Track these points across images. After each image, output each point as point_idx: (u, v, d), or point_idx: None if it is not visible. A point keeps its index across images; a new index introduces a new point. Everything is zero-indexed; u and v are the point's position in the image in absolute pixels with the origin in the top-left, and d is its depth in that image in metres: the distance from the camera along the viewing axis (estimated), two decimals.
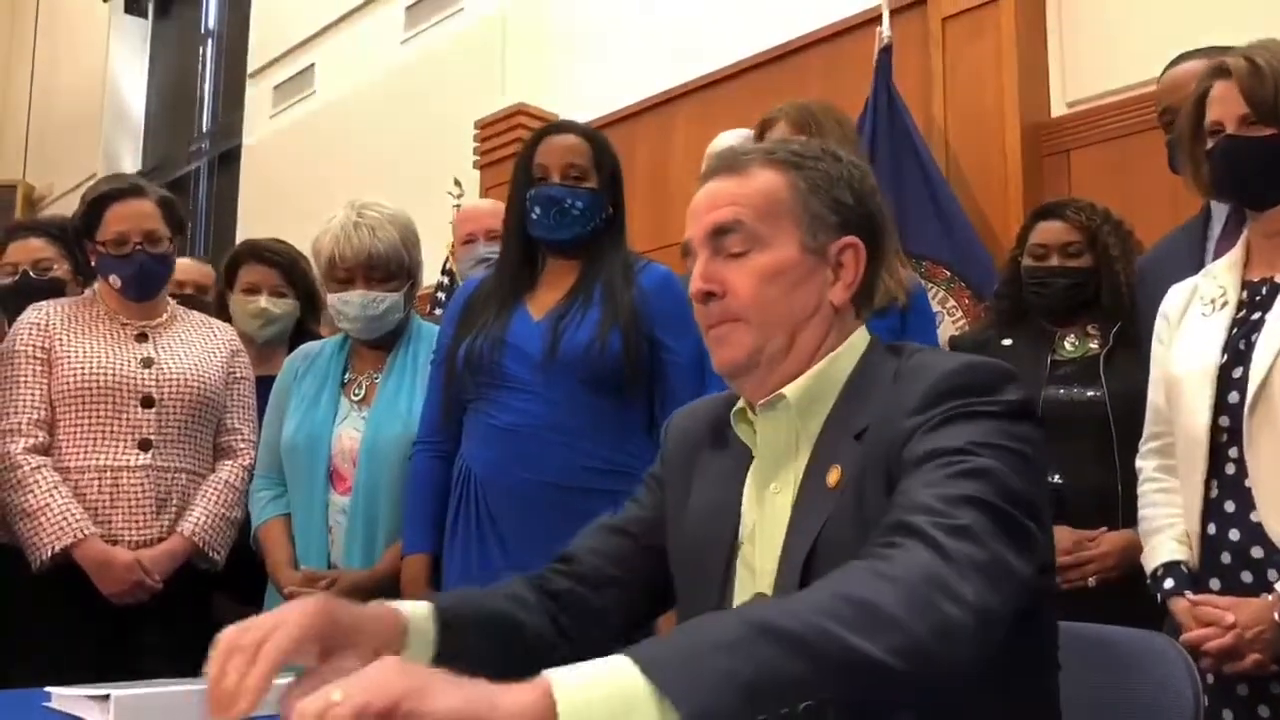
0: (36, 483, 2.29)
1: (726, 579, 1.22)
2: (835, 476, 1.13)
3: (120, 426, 2.36)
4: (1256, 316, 1.78)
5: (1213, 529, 1.77)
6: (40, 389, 2.37)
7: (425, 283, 2.65)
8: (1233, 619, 1.67)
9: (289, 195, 5.82)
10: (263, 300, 2.84)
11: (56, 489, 2.29)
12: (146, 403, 2.39)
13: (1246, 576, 1.72)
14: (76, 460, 2.34)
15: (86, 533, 2.27)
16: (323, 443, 2.32)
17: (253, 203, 6.59)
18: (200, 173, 7.85)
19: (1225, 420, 1.75)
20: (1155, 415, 1.94)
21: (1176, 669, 1.24)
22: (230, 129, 7.31)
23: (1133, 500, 1.97)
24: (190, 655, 2.38)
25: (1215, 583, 1.76)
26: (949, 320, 3.06)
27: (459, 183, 4.38)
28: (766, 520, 1.19)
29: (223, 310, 2.93)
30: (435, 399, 2.19)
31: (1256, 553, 1.70)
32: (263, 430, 2.49)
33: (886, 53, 3.37)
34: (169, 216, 2.49)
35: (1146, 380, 1.97)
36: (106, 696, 1.35)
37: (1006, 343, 2.41)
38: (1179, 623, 1.75)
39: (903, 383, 1.13)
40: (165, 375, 2.42)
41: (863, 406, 1.16)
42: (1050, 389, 2.28)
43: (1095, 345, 2.33)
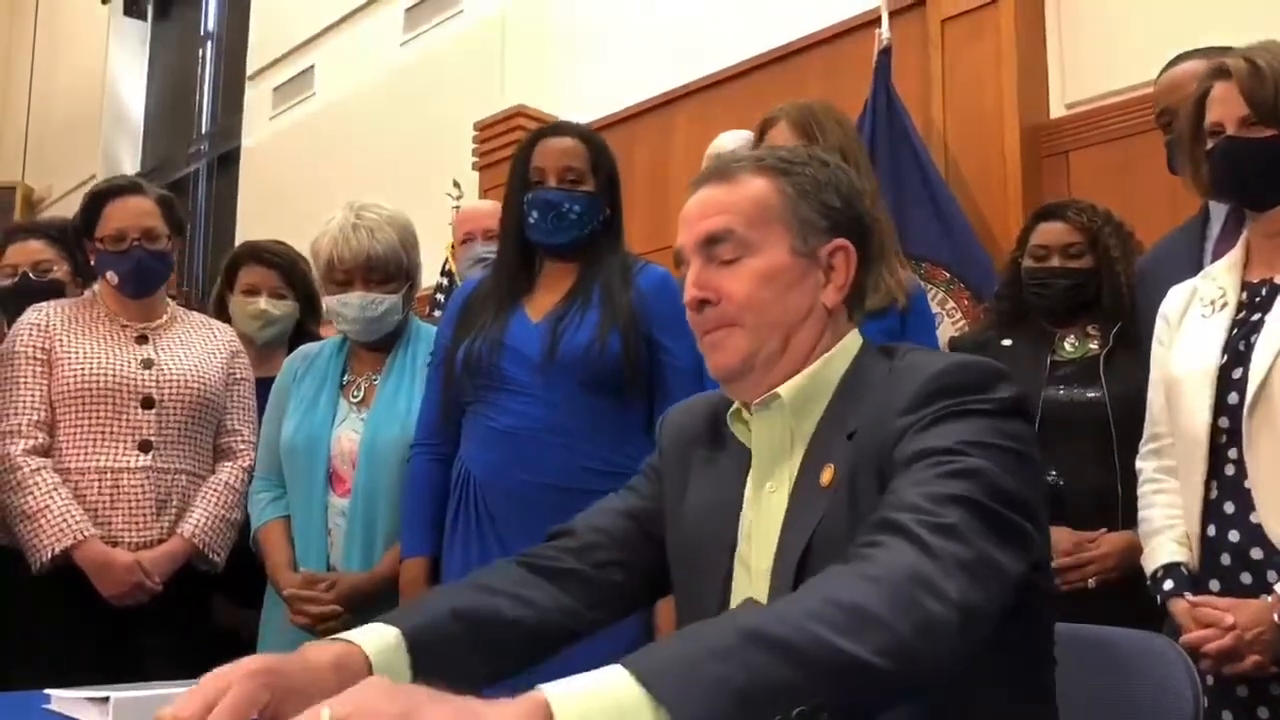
0: (36, 484, 2.29)
1: (726, 579, 1.22)
2: (829, 475, 1.13)
3: (120, 428, 2.36)
4: (1256, 318, 1.78)
5: (1212, 530, 1.77)
6: (40, 390, 2.37)
7: (424, 284, 2.65)
8: (1232, 620, 1.67)
9: (288, 197, 5.82)
10: (262, 302, 2.84)
11: (56, 490, 2.29)
12: (146, 404, 2.39)
13: (1246, 578, 1.72)
14: (76, 462, 2.34)
15: (86, 534, 2.27)
16: (322, 444, 2.31)
17: (252, 204, 6.59)
18: (199, 174, 7.85)
19: (1225, 421, 1.75)
20: (1155, 416, 1.94)
21: (1176, 670, 1.24)
22: (230, 131, 7.31)
23: (1132, 501, 1.97)
24: (190, 657, 2.39)
25: (1215, 584, 1.76)
26: (948, 321, 3.06)
27: (458, 184, 4.38)
28: (762, 519, 1.20)
29: (222, 311, 2.93)
30: (433, 401, 2.18)
31: (1256, 554, 1.70)
32: (262, 432, 2.49)
33: (886, 54, 3.37)
34: (168, 215, 2.49)
35: (1146, 381, 1.97)
36: (106, 699, 1.35)
37: (1006, 343, 2.41)
38: (1179, 624, 1.75)
39: (895, 382, 1.14)
40: (165, 376, 2.42)
41: (856, 407, 1.16)
42: (1050, 389, 2.28)
43: (1095, 346, 2.33)
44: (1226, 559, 1.74)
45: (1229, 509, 1.74)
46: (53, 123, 8.59)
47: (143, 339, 2.47)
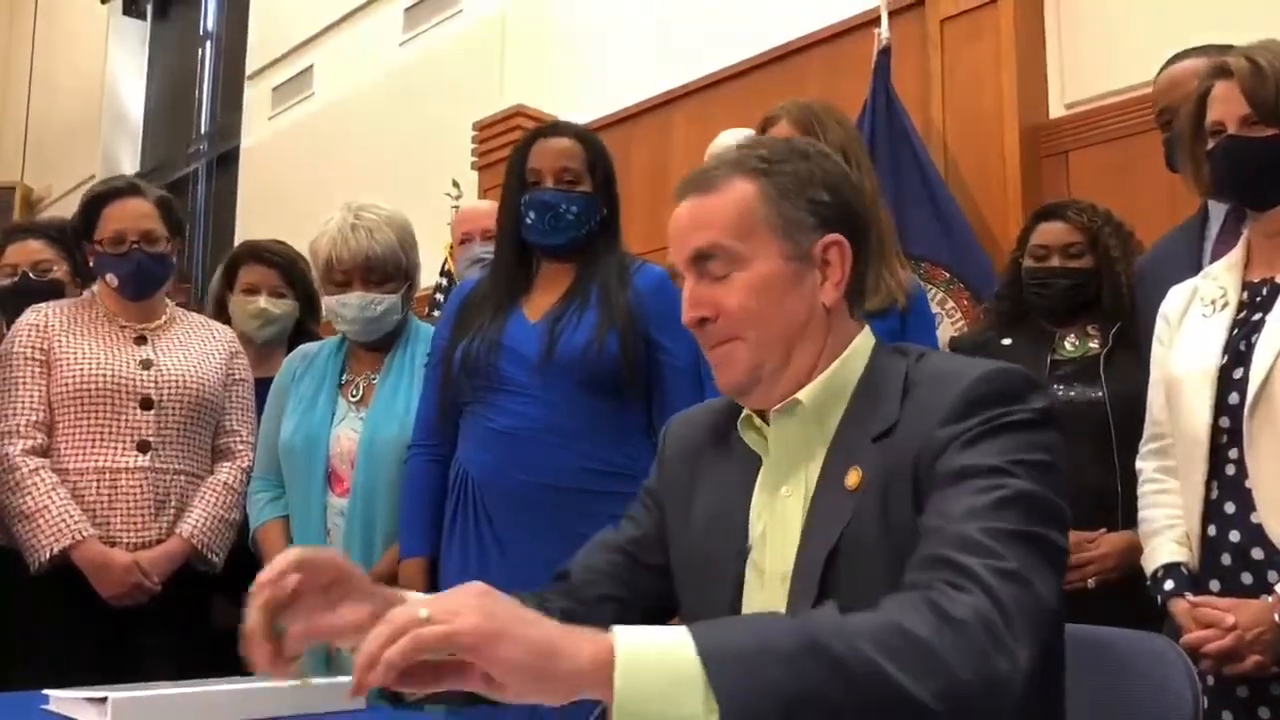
0: (35, 484, 2.28)
1: (738, 585, 1.22)
2: (856, 479, 1.13)
3: (119, 428, 2.36)
4: (1257, 317, 1.77)
5: (1213, 530, 1.76)
6: (39, 391, 2.37)
7: (424, 284, 2.64)
8: (1233, 621, 1.67)
9: (288, 197, 5.81)
10: (262, 300, 2.84)
11: (55, 491, 2.29)
12: (145, 404, 2.39)
13: (1246, 578, 1.72)
14: (75, 462, 2.34)
15: (85, 534, 2.26)
16: (321, 444, 2.31)
17: (251, 204, 6.59)
18: (199, 174, 7.85)
19: (1225, 421, 1.75)
20: (1155, 416, 1.93)
21: (1176, 671, 1.24)
22: (229, 130, 7.30)
23: (1132, 501, 1.97)
24: (189, 658, 2.40)
25: (1215, 584, 1.76)
26: (948, 321, 3.06)
27: (457, 184, 4.37)
28: (776, 523, 1.20)
29: (222, 311, 2.93)
30: (430, 401, 2.18)
31: (1257, 554, 1.70)
32: (260, 432, 2.48)
33: (885, 54, 3.37)
34: (166, 216, 2.49)
35: (1146, 381, 1.97)
36: (104, 699, 1.35)
37: (1006, 343, 2.41)
38: (1179, 624, 1.75)
39: (924, 390, 1.13)
40: (164, 377, 2.42)
41: (877, 408, 1.16)
42: (1050, 389, 2.28)
43: (1095, 346, 2.33)
44: (1227, 559, 1.74)
45: (1229, 509, 1.74)
46: (52, 122, 8.59)
47: (141, 339, 2.47)
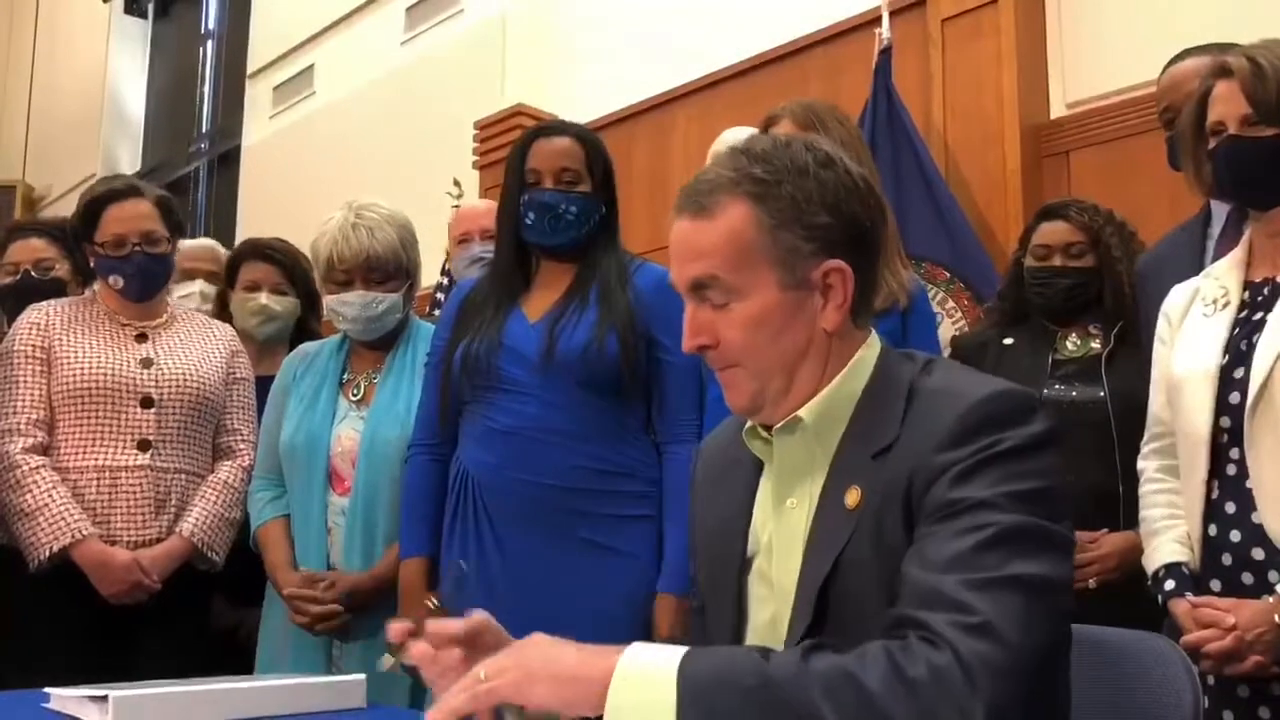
0: (35, 482, 2.28)
1: (740, 593, 1.23)
2: (854, 498, 1.13)
3: (119, 426, 2.36)
4: (1258, 317, 1.77)
5: (1213, 530, 1.76)
6: (39, 389, 2.37)
7: (424, 283, 2.64)
8: (1233, 621, 1.67)
9: (288, 196, 5.81)
10: (263, 297, 2.84)
11: (55, 489, 2.29)
12: (146, 403, 2.39)
13: (1247, 578, 1.71)
14: (75, 460, 2.34)
15: (85, 533, 2.26)
16: (321, 443, 2.31)
17: (252, 204, 6.59)
18: (200, 173, 7.85)
19: (1226, 421, 1.75)
20: (1156, 416, 1.93)
21: (1176, 671, 1.24)
22: (230, 130, 7.30)
23: (1134, 501, 1.96)
24: (189, 656, 2.39)
25: (1216, 584, 1.76)
26: (948, 321, 3.06)
27: (458, 183, 4.37)
28: (783, 534, 1.20)
29: (223, 309, 2.92)
30: (431, 401, 2.18)
31: (1257, 554, 1.70)
32: (261, 431, 2.48)
33: (886, 54, 3.37)
34: (167, 217, 2.49)
35: (1148, 381, 1.96)
36: (105, 697, 1.35)
37: (1008, 342, 2.41)
38: (1179, 624, 1.75)
39: (925, 406, 1.13)
40: (165, 375, 2.42)
41: (878, 423, 1.15)
42: (1051, 389, 2.28)
43: (1097, 345, 2.33)
44: (1228, 559, 1.74)
45: (1230, 509, 1.74)
46: (53, 121, 8.59)
47: (142, 338, 2.47)
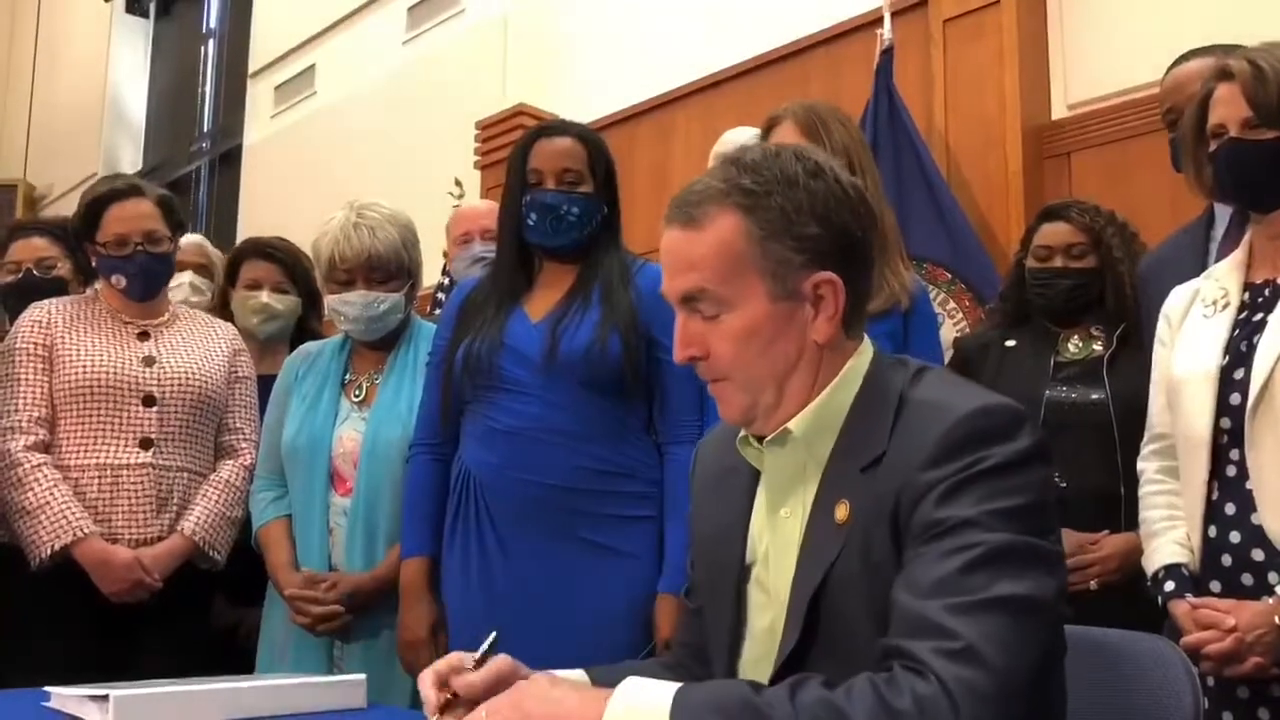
0: (36, 480, 2.28)
1: (739, 601, 1.24)
2: (844, 512, 1.13)
3: (121, 425, 2.36)
4: (1258, 318, 1.77)
5: (1213, 531, 1.76)
6: (41, 387, 2.37)
7: (425, 283, 2.64)
8: (1233, 622, 1.67)
9: (290, 196, 5.82)
10: (264, 295, 2.84)
11: (56, 487, 2.29)
12: (148, 401, 2.39)
13: (1247, 579, 1.72)
14: (77, 458, 2.34)
15: (86, 531, 2.26)
16: (323, 444, 2.31)
17: (253, 203, 6.60)
18: (201, 173, 7.85)
19: (1226, 422, 1.75)
20: (1157, 417, 1.93)
21: (1176, 672, 1.24)
22: (231, 129, 7.31)
23: (1135, 503, 1.96)
24: (190, 655, 2.39)
25: (1216, 585, 1.76)
26: (949, 322, 3.06)
27: (460, 183, 4.38)
28: (778, 543, 1.21)
29: (224, 308, 2.92)
30: (432, 401, 2.17)
31: (1257, 555, 1.70)
32: (263, 432, 2.48)
33: (887, 54, 3.38)
34: (168, 216, 2.49)
35: (1149, 382, 1.97)
36: (106, 696, 1.35)
37: (1010, 344, 2.41)
38: (1179, 626, 1.75)
39: (913, 419, 1.13)
40: (167, 374, 2.42)
41: (867, 435, 1.15)
42: (1053, 390, 2.28)
43: (1099, 347, 2.33)
44: (1227, 560, 1.74)
45: (1230, 510, 1.74)
46: (54, 120, 8.59)
47: (144, 336, 2.47)
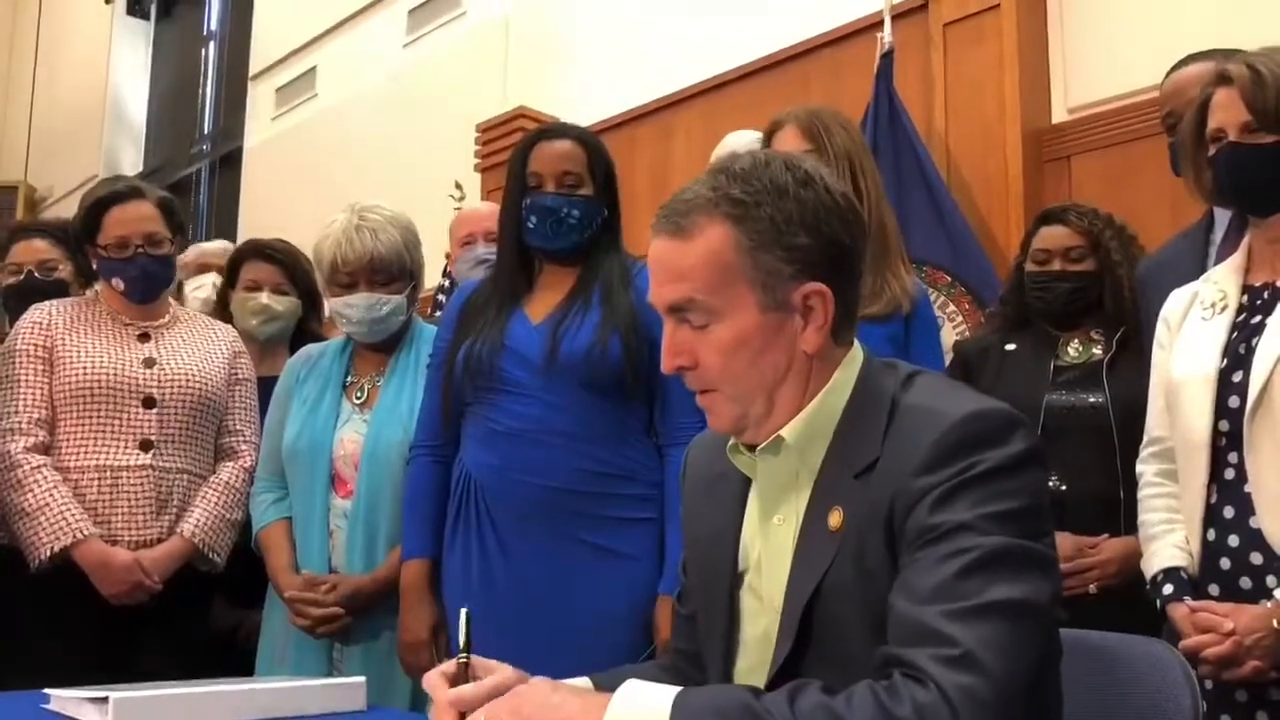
0: (36, 482, 2.29)
1: (732, 608, 1.24)
2: (837, 519, 1.13)
3: (121, 426, 2.36)
4: (1257, 321, 1.78)
5: (1212, 535, 1.76)
6: (41, 388, 2.37)
7: (426, 285, 2.65)
8: (1231, 626, 1.67)
9: (290, 198, 5.82)
10: (264, 297, 2.84)
11: (56, 489, 2.29)
12: (148, 403, 2.39)
13: (1245, 582, 1.72)
14: (76, 460, 2.34)
15: (86, 533, 2.26)
16: (324, 446, 2.31)
17: (254, 205, 6.60)
18: (201, 175, 7.86)
19: (1225, 425, 1.75)
20: (1156, 420, 1.93)
21: (1174, 675, 1.24)
22: (232, 131, 7.31)
23: (1134, 506, 1.96)
24: (189, 657, 2.39)
25: (1214, 588, 1.76)
26: (949, 326, 3.06)
27: (460, 185, 4.38)
28: (771, 550, 1.21)
29: (224, 310, 2.93)
30: (433, 403, 2.18)
31: (1256, 559, 1.70)
32: (264, 434, 2.48)
33: (888, 58, 3.38)
34: (169, 218, 2.49)
35: (1148, 386, 1.97)
36: (105, 698, 1.35)
37: (1010, 348, 2.41)
38: (1178, 629, 1.75)
39: (905, 424, 1.13)
40: (167, 376, 2.42)
41: (860, 441, 1.15)
42: (1053, 394, 2.28)
43: (1098, 351, 2.33)
44: (1226, 563, 1.74)
45: (1229, 513, 1.74)
46: (55, 122, 8.60)
47: (144, 338, 2.47)
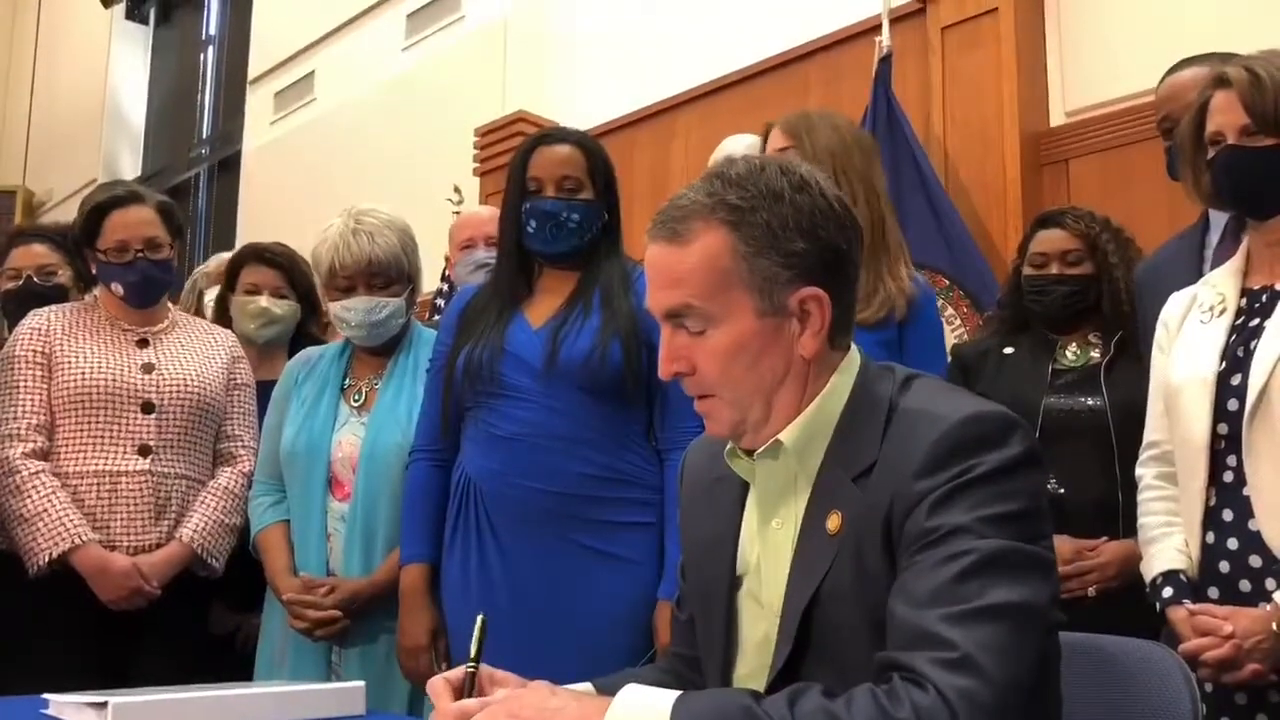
0: (35, 488, 2.29)
1: (730, 612, 1.24)
2: (835, 523, 1.14)
3: (120, 432, 2.36)
4: (1255, 324, 1.78)
5: (1211, 537, 1.76)
6: (40, 394, 2.37)
7: (424, 289, 2.65)
8: (1231, 629, 1.67)
9: (289, 202, 5.82)
10: (264, 300, 2.84)
11: (55, 494, 2.29)
12: (146, 408, 2.39)
13: (1245, 585, 1.72)
14: (75, 465, 2.34)
15: (84, 538, 2.26)
16: (322, 449, 2.31)
17: (252, 209, 6.60)
18: (200, 179, 7.86)
19: (1224, 428, 1.75)
20: (1155, 423, 1.93)
21: (1174, 679, 1.24)
22: (230, 135, 7.31)
23: (1133, 509, 1.96)
24: (188, 662, 2.39)
25: (1214, 591, 1.76)
26: (947, 329, 3.06)
27: (459, 190, 4.38)
28: (770, 554, 1.21)
29: (223, 314, 2.93)
30: (433, 407, 2.18)
31: (1255, 561, 1.70)
32: (262, 437, 2.48)
33: (886, 62, 3.38)
34: (168, 222, 2.49)
35: (1147, 389, 1.97)
36: (104, 704, 1.35)
37: (1008, 351, 2.41)
38: (1177, 632, 1.75)
39: (903, 427, 1.13)
40: (165, 381, 2.42)
41: (858, 446, 1.16)
42: (1051, 398, 2.28)
43: (1096, 354, 2.33)
44: (1225, 566, 1.74)
45: (1228, 516, 1.74)
46: (54, 126, 8.60)
47: (143, 343, 2.47)
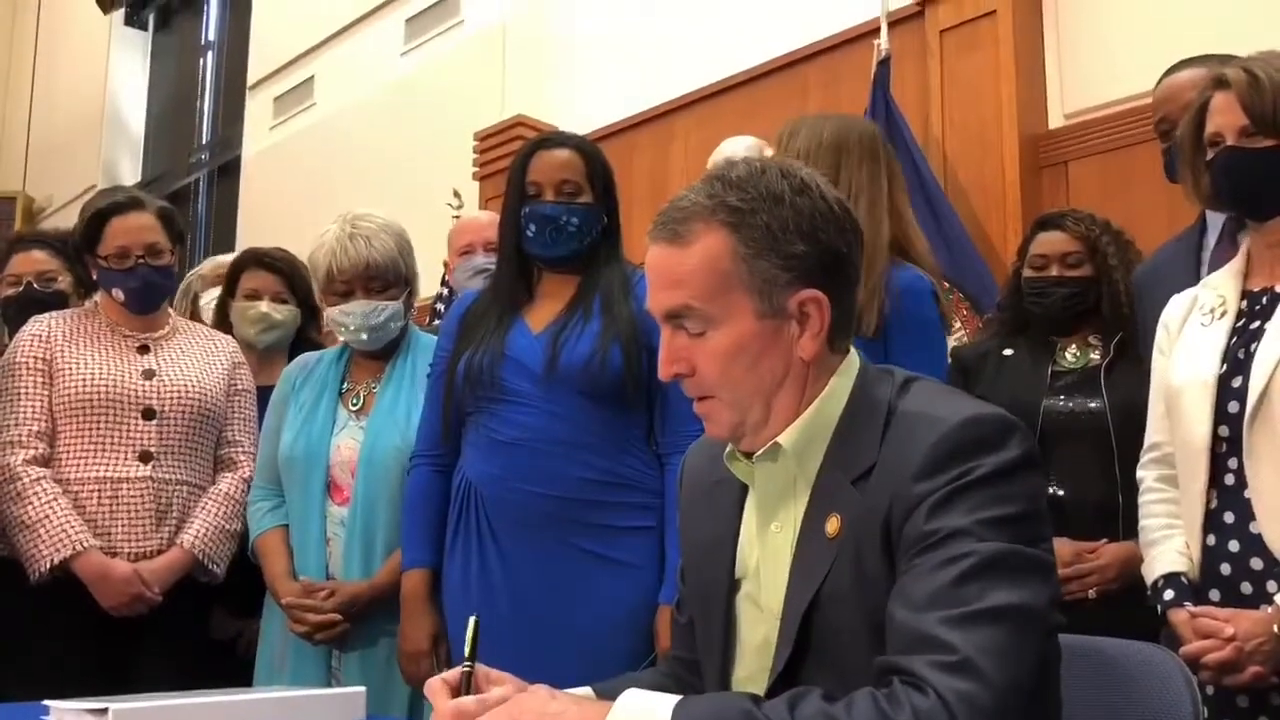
0: (36, 494, 2.29)
1: (728, 615, 1.24)
2: (834, 526, 1.14)
3: (121, 438, 2.36)
4: (1256, 326, 1.78)
5: (1212, 540, 1.76)
6: (41, 401, 2.37)
7: (424, 294, 2.65)
8: (1232, 631, 1.67)
9: (288, 207, 5.82)
10: (264, 305, 2.84)
11: (56, 501, 2.29)
12: (147, 414, 2.39)
13: (1246, 588, 1.72)
14: (76, 472, 2.34)
15: (86, 545, 2.26)
16: (321, 453, 2.31)
17: (252, 214, 6.60)
18: (200, 184, 7.87)
19: (1225, 430, 1.75)
20: (1156, 425, 1.93)
21: (1175, 681, 1.24)
22: (230, 141, 7.32)
23: (1133, 511, 1.96)
24: (189, 668, 2.39)
25: (1215, 593, 1.76)
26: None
27: (458, 194, 4.38)
28: (769, 557, 1.21)
29: (223, 319, 2.93)
30: (434, 412, 2.18)
31: (1256, 564, 1.70)
32: (261, 441, 2.48)
33: (885, 65, 3.39)
34: (169, 228, 2.49)
35: (1147, 391, 1.97)
36: (105, 710, 1.35)
37: (1008, 353, 2.41)
38: (1178, 635, 1.75)
39: (902, 430, 1.13)
40: (166, 387, 2.42)
41: (856, 449, 1.16)
42: (1051, 400, 2.28)
43: (1096, 356, 2.33)
44: (1226, 569, 1.74)
45: (1229, 518, 1.74)
46: (53, 132, 8.61)
47: (144, 349, 2.47)
